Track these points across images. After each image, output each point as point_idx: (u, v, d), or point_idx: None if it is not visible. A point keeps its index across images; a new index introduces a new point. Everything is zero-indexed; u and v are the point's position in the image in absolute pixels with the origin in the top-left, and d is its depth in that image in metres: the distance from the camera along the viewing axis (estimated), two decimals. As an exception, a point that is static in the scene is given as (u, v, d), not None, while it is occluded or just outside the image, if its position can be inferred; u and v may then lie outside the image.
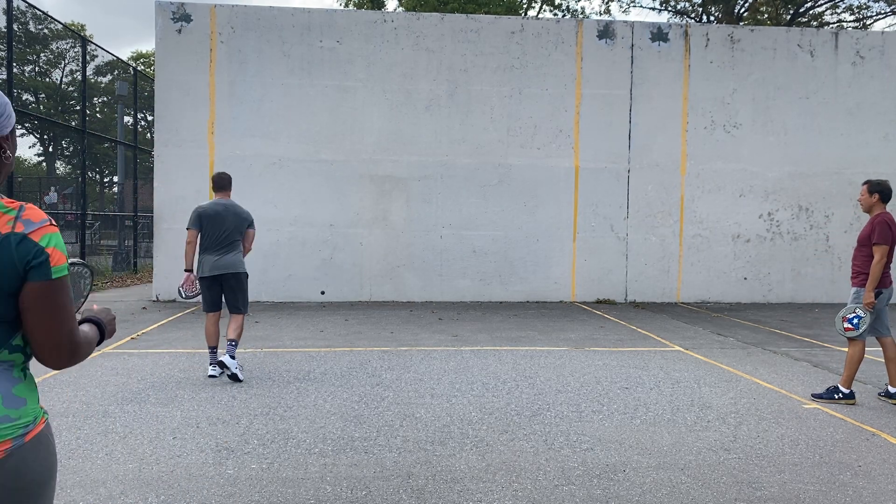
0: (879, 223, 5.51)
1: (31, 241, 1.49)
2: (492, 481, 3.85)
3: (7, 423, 1.53)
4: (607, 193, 12.40)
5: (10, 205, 1.52)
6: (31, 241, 1.49)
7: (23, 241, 1.48)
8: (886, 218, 5.54)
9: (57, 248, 1.53)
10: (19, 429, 1.55)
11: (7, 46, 11.84)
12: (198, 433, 4.63)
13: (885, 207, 5.67)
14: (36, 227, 1.51)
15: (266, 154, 11.75)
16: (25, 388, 1.59)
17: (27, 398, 1.59)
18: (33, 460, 1.58)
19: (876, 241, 5.48)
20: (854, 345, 5.65)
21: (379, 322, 9.69)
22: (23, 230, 1.49)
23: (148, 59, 40.30)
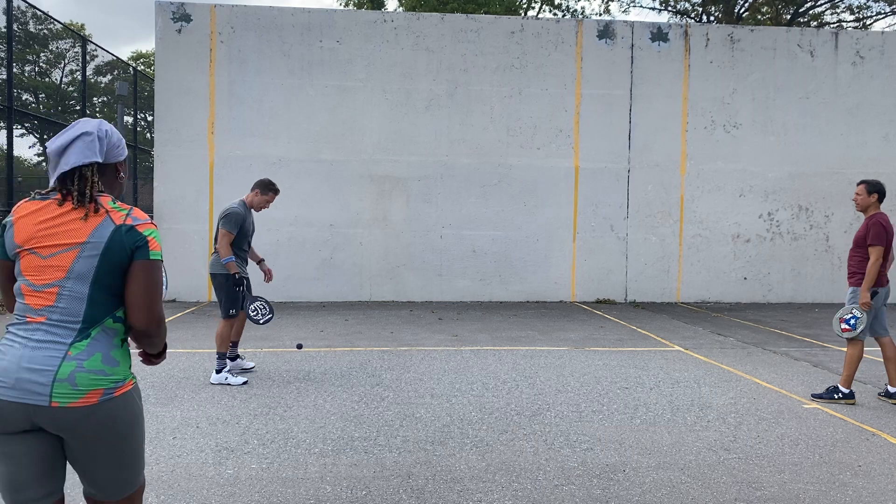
0: (874, 224, 5.52)
1: (137, 230, 2.03)
2: (492, 481, 3.85)
3: (102, 376, 1.97)
4: (607, 193, 12.40)
5: (124, 206, 2.07)
6: (137, 231, 2.03)
7: (131, 230, 2.02)
8: (881, 219, 5.56)
9: (155, 238, 2.07)
10: (111, 383, 1.99)
11: (7, 46, 11.84)
12: (198, 433, 4.62)
13: (880, 207, 5.69)
14: (141, 222, 2.05)
15: (266, 154, 11.75)
16: (120, 354, 2.05)
17: (121, 362, 2.04)
18: (122, 411, 2.02)
19: (871, 243, 5.50)
20: (853, 345, 5.65)
21: (379, 322, 9.69)
22: (131, 223, 2.03)
23: (148, 59, 40.30)
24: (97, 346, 1.99)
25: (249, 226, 6.30)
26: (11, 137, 11.81)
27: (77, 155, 2.01)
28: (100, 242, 1.98)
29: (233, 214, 6.09)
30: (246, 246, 6.34)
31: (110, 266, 1.99)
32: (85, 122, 2.10)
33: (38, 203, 2.03)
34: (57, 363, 1.93)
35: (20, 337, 1.97)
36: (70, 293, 1.97)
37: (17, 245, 2.00)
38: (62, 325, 1.97)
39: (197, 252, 11.67)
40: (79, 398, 1.94)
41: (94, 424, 1.96)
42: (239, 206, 6.21)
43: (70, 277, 1.97)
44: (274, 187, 6.40)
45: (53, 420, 1.94)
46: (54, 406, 1.92)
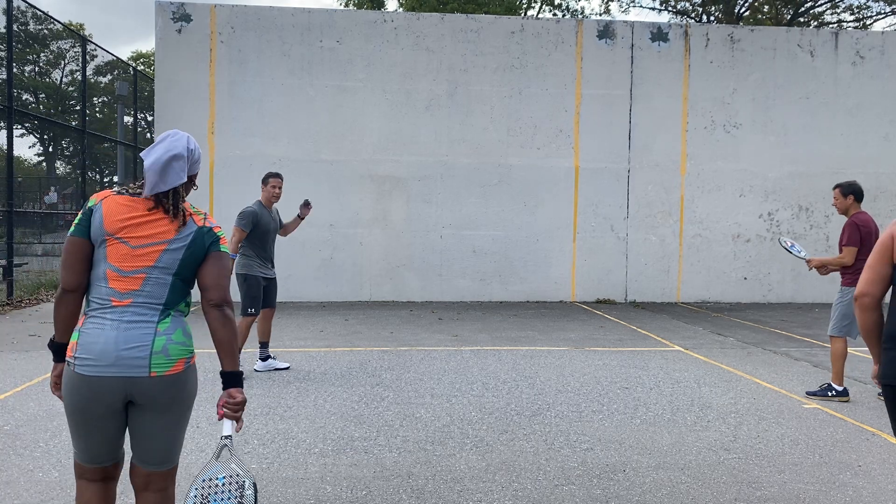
0: (848, 225, 5.70)
1: (213, 231, 2.45)
2: (492, 481, 3.85)
3: (184, 346, 2.38)
4: (607, 193, 12.40)
5: (200, 211, 2.48)
6: (213, 232, 2.45)
7: (209, 231, 2.44)
8: (856, 219, 5.64)
9: (224, 238, 2.49)
10: (189, 353, 2.40)
11: (7, 46, 11.84)
12: (198, 433, 4.63)
13: (860, 207, 5.75)
14: (215, 225, 2.48)
15: (266, 154, 11.75)
16: (189, 330, 2.45)
17: (191, 335, 2.45)
18: (195, 378, 2.43)
19: (845, 243, 5.64)
20: (835, 341, 5.72)
21: (379, 322, 9.69)
22: (209, 225, 2.45)
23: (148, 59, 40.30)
24: (176, 323, 2.38)
25: (268, 223, 6.36)
26: (11, 137, 11.80)
27: (174, 177, 2.37)
28: (186, 239, 2.36)
29: (245, 212, 6.21)
30: (268, 245, 6.40)
31: (191, 260, 2.38)
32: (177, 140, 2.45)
33: (127, 198, 2.36)
34: (151, 339, 2.29)
35: (109, 319, 2.27)
36: (156, 280, 2.32)
37: (107, 232, 2.29)
38: (148, 305, 2.31)
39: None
40: (171, 366, 2.31)
41: (178, 389, 2.34)
42: (254, 205, 6.30)
43: (157, 266, 2.32)
44: (270, 175, 6.45)
45: (149, 388, 2.28)
46: (153, 376, 2.27)
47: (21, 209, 15.76)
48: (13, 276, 11.41)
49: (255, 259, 6.29)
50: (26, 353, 7.18)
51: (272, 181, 6.40)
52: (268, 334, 6.57)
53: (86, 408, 2.27)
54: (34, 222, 22.33)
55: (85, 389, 2.25)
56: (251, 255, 6.28)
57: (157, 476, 2.41)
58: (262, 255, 6.33)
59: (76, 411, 2.28)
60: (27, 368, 6.50)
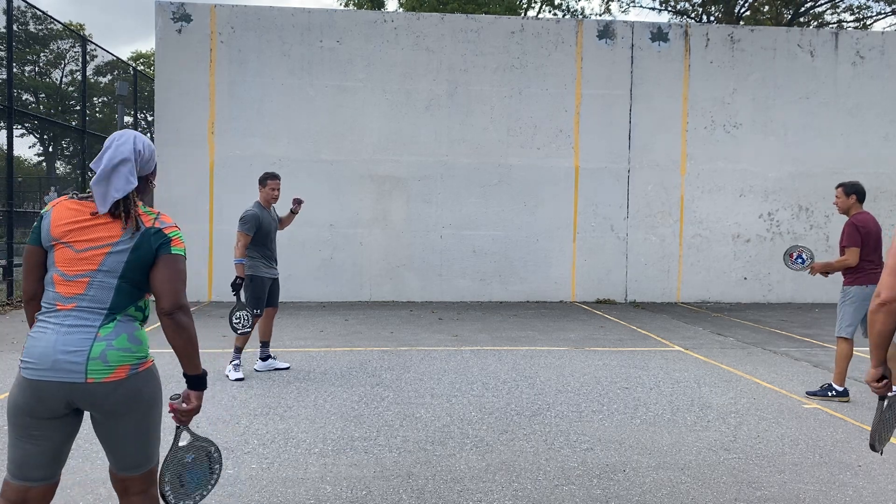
0: (848, 226, 5.70)
1: (163, 232, 2.32)
2: (492, 481, 3.85)
3: (128, 353, 2.27)
4: (607, 193, 12.40)
5: (153, 211, 2.37)
6: (162, 232, 2.32)
7: (158, 232, 2.32)
8: (855, 220, 5.64)
9: (178, 238, 2.35)
10: (136, 359, 2.28)
11: (7, 46, 11.84)
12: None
13: (861, 207, 5.75)
14: (167, 225, 2.34)
15: (266, 154, 11.75)
16: (141, 335, 2.34)
17: (142, 341, 2.33)
18: (145, 385, 2.30)
19: (845, 244, 5.65)
20: (842, 342, 5.71)
21: (379, 322, 9.69)
22: (159, 226, 2.32)
23: (148, 59, 40.30)
24: (122, 328, 2.28)
25: (270, 223, 6.39)
26: (11, 137, 11.81)
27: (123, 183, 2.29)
28: (131, 241, 2.28)
29: (247, 216, 6.21)
30: (271, 245, 6.43)
31: (137, 263, 2.29)
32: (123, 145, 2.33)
33: (76, 202, 2.32)
34: (89, 344, 2.21)
35: (52, 323, 2.23)
36: (100, 283, 2.25)
37: (53, 238, 2.27)
38: (91, 310, 2.24)
39: (197, 252, 11.67)
40: (110, 373, 2.23)
41: (123, 396, 2.25)
42: (254, 207, 6.31)
43: (101, 270, 2.25)
44: (267, 175, 6.45)
45: (88, 395, 2.22)
46: (90, 382, 2.20)
47: (21, 209, 15.77)
48: (13, 276, 11.41)
49: (261, 260, 6.32)
50: (26, 353, 7.17)
51: (270, 183, 6.41)
52: (269, 334, 6.59)
53: (27, 411, 2.22)
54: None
55: (28, 393, 2.22)
56: (256, 256, 6.30)
57: (134, 480, 2.38)
58: (266, 254, 6.36)
59: (18, 413, 2.24)
60: (27, 368, 6.48)
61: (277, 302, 6.63)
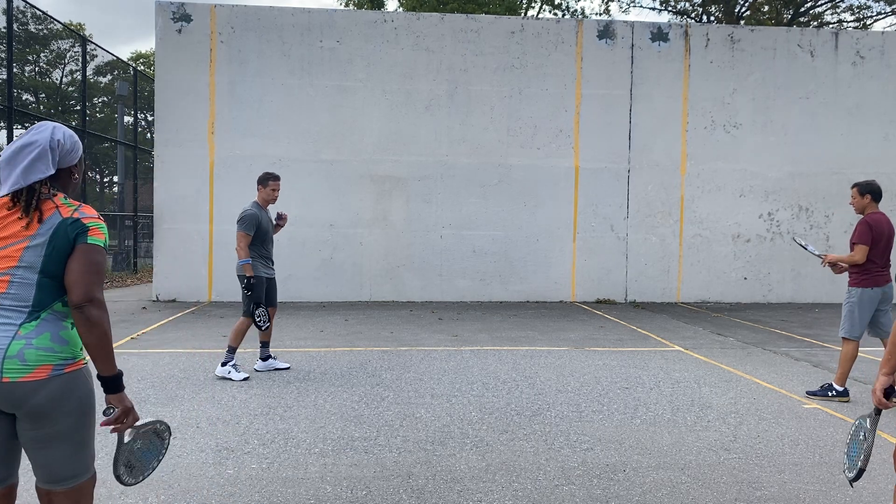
0: (862, 223, 5.67)
1: (80, 221, 2.20)
2: (492, 481, 3.85)
3: (50, 353, 2.13)
4: (607, 193, 12.40)
5: (73, 203, 2.26)
6: (81, 222, 2.20)
7: (75, 221, 2.20)
8: (869, 219, 5.63)
9: (98, 228, 2.22)
10: (59, 360, 2.15)
11: (7, 46, 11.84)
12: (198, 433, 4.62)
13: (877, 207, 5.74)
14: (86, 216, 2.22)
15: (266, 154, 11.75)
16: (70, 335, 2.20)
17: (70, 342, 2.19)
18: (72, 387, 2.16)
19: (855, 241, 5.62)
20: (847, 343, 5.70)
21: (379, 322, 9.69)
22: (77, 216, 2.21)
23: (148, 59, 40.30)
24: (46, 326, 2.15)
25: (267, 224, 6.40)
26: (11, 137, 11.81)
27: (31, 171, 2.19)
28: (47, 233, 2.16)
29: (247, 216, 6.19)
30: (268, 245, 6.43)
31: (56, 254, 2.17)
32: (40, 132, 2.24)
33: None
34: (7, 342, 2.10)
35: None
36: (20, 280, 2.14)
37: None
38: (13, 308, 2.13)
39: (197, 252, 11.68)
40: (28, 373, 2.10)
41: (43, 399, 2.12)
42: (252, 207, 6.28)
43: (20, 266, 2.15)
44: (268, 176, 6.44)
45: (4, 395, 2.10)
46: (5, 381, 2.08)
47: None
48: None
49: (258, 259, 6.31)
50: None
51: (272, 184, 6.41)
52: (269, 334, 6.59)
53: None
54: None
55: None
56: (254, 256, 6.28)
57: (58, 495, 2.23)
58: (263, 254, 6.36)
59: None
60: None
61: (276, 301, 6.64)
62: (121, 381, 2.24)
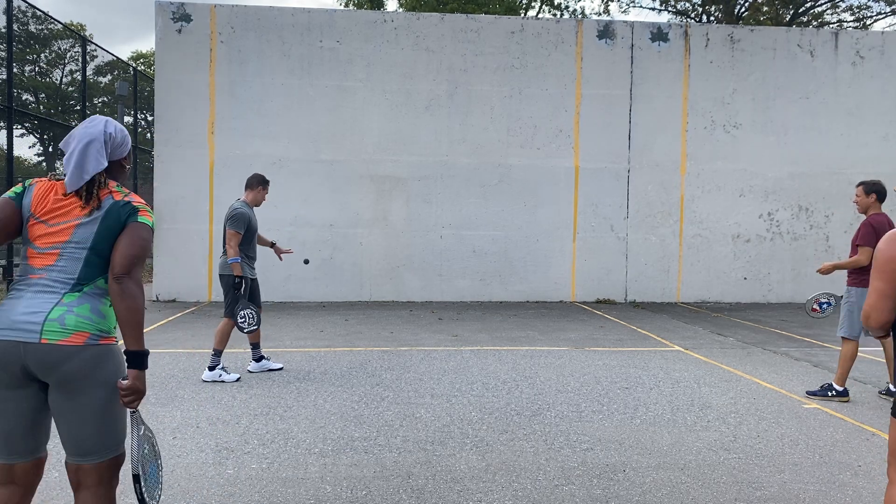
0: (865, 225, 5.64)
1: (132, 204, 2.37)
2: (492, 481, 3.85)
3: (89, 322, 2.25)
4: (607, 193, 12.40)
5: (125, 190, 2.42)
6: (131, 205, 2.37)
7: (127, 204, 2.37)
8: (872, 220, 5.62)
9: (147, 211, 2.39)
10: (96, 330, 2.26)
11: (7, 46, 11.84)
12: (198, 433, 4.62)
13: (881, 207, 5.73)
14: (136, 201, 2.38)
15: (266, 154, 11.75)
16: (107, 310, 2.32)
17: (107, 316, 2.31)
18: (106, 360, 2.26)
19: (859, 243, 5.61)
20: (847, 343, 5.70)
21: (379, 322, 9.68)
22: (129, 200, 2.38)
23: (148, 59, 40.30)
24: (87, 298, 2.28)
25: (255, 224, 6.36)
26: (11, 137, 11.82)
27: (93, 164, 2.35)
28: (100, 213, 2.32)
29: (239, 214, 6.12)
30: (254, 245, 6.38)
31: (106, 233, 2.31)
32: (93, 126, 2.40)
33: (53, 183, 2.36)
34: (50, 307, 2.21)
35: (20, 290, 2.27)
36: (70, 254, 2.28)
37: (32, 213, 2.32)
38: (59, 280, 2.26)
39: (197, 252, 11.67)
40: (66, 336, 2.19)
41: (77, 365, 2.20)
42: (242, 206, 6.23)
43: (71, 241, 2.28)
44: (263, 180, 6.47)
45: (41, 358, 2.17)
46: (43, 342, 2.17)
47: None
48: (13, 275, 11.41)
49: (244, 260, 6.21)
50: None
51: (265, 189, 6.44)
52: (258, 335, 6.53)
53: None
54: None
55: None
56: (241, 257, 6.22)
57: (86, 471, 2.28)
58: (249, 254, 6.29)
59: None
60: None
61: (260, 301, 6.60)
62: (145, 359, 2.32)
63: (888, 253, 2.56)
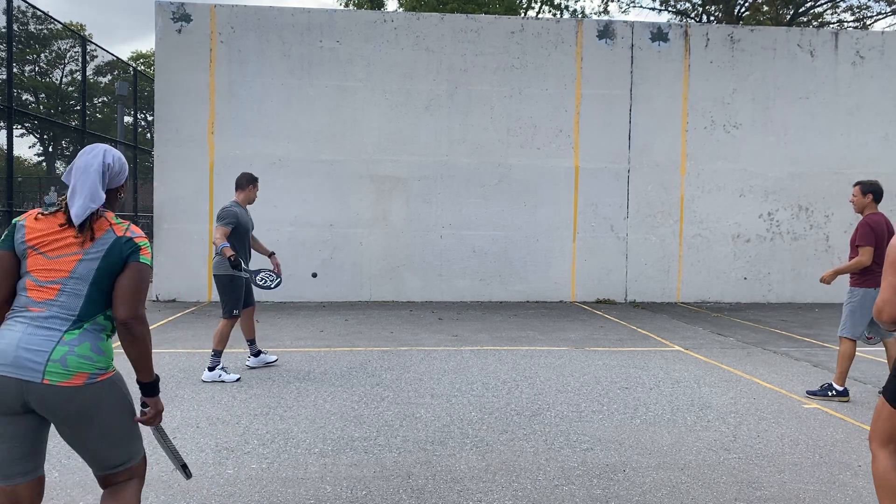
0: (861, 225, 5.65)
1: (133, 241, 2.40)
2: (492, 481, 3.85)
3: (89, 361, 2.27)
4: (607, 193, 12.40)
5: (124, 222, 2.44)
6: (134, 241, 2.40)
7: (129, 240, 2.39)
8: (870, 220, 5.63)
9: (147, 248, 2.42)
10: (95, 369, 2.28)
11: (7, 46, 11.84)
12: (198, 433, 4.63)
13: (877, 207, 5.74)
14: (137, 235, 2.42)
15: (266, 154, 11.75)
16: (106, 346, 2.36)
17: (105, 352, 2.34)
18: (105, 394, 2.31)
19: (858, 244, 5.61)
20: (845, 342, 5.71)
21: (379, 322, 9.69)
22: (130, 235, 2.40)
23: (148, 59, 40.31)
24: (87, 336, 2.30)
25: (248, 222, 6.39)
26: (11, 137, 11.81)
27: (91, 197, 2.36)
28: (102, 249, 2.33)
29: (225, 212, 6.18)
30: (247, 245, 6.43)
31: (108, 270, 2.34)
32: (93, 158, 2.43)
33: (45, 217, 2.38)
34: (52, 345, 2.23)
35: (20, 323, 2.27)
36: (71, 290, 2.29)
37: (28, 245, 2.33)
38: (59, 316, 2.28)
39: (197, 252, 11.67)
40: (68, 378, 2.23)
41: (79, 405, 2.25)
42: (232, 205, 6.33)
43: (72, 277, 2.30)
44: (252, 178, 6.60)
45: (42, 398, 2.22)
46: (45, 383, 2.21)
47: (21, 209, 15.76)
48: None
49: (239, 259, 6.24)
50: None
51: (255, 187, 6.53)
52: (252, 331, 6.68)
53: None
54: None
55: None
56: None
57: (116, 475, 2.44)
58: (242, 254, 6.33)
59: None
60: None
61: (254, 300, 6.64)
62: (157, 385, 2.47)
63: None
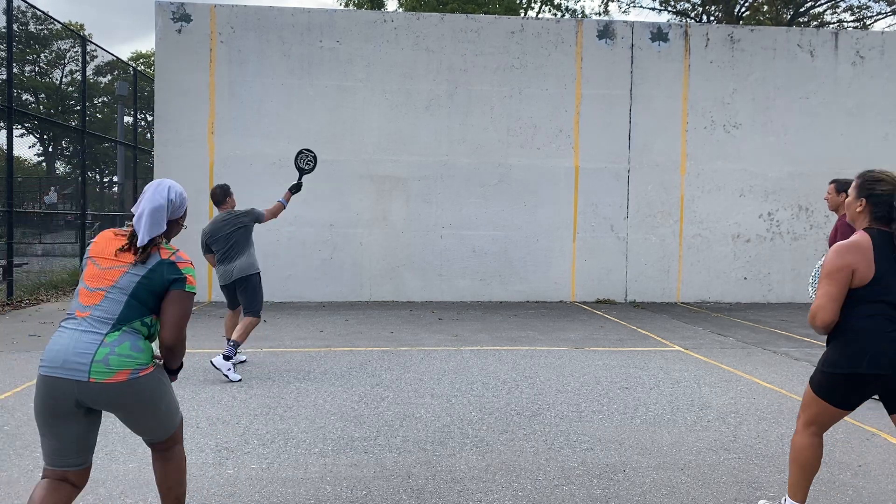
0: (843, 225, 5.61)
1: (177, 266, 2.70)
2: (492, 481, 3.85)
3: (129, 359, 2.58)
4: (607, 193, 12.40)
5: (172, 247, 2.76)
6: (177, 267, 2.70)
7: (172, 265, 2.70)
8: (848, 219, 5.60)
9: (191, 275, 2.72)
10: (136, 365, 2.59)
11: (7, 46, 11.84)
12: (198, 433, 4.63)
13: None
14: (182, 260, 2.73)
15: (266, 154, 11.75)
16: (144, 345, 2.65)
17: (144, 350, 2.64)
18: (147, 387, 2.63)
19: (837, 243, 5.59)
20: None
21: (379, 322, 9.69)
22: (174, 259, 2.71)
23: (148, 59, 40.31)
24: (126, 337, 2.60)
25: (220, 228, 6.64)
26: (11, 137, 11.80)
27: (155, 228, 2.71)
28: (146, 268, 2.65)
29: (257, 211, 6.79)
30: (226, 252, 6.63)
31: (148, 285, 2.65)
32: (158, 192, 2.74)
33: (115, 232, 2.76)
34: (95, 348, 2.54)
35: (69, 329, 2.59)
36: (113, 298, 2.61)
37: (90, 256, 2.70)
38: (101, 319, 2.59)
39: (197, 252, 11.64)
40: (111, 376, 2.54)
41: (126, 399, 2.58)
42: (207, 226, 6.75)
43: (115, 286, 2.62)
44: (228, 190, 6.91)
45: (91, 394, 2.53)
46: (91, 382, 2.51)
47: (21, 209, 15.76)
48: (13, 276, 11.41)
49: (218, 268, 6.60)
50: (26, 353, 7.18)
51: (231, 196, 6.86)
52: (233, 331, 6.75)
53: (43, 406, 2.55)
54: (34, 222, 22.37)
55: (42, 389, 2.55)
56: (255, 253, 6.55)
57: (160, 444, 2.82)
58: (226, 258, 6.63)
59: (36, 409, 2.58)
60: (27, 368, 6.50)
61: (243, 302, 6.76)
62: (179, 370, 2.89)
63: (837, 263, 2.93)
